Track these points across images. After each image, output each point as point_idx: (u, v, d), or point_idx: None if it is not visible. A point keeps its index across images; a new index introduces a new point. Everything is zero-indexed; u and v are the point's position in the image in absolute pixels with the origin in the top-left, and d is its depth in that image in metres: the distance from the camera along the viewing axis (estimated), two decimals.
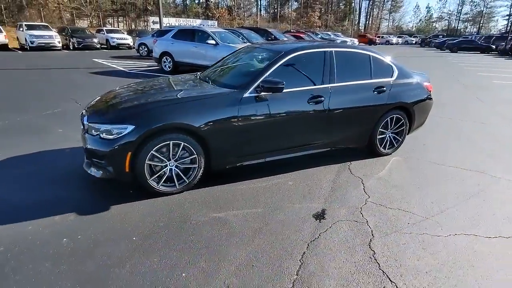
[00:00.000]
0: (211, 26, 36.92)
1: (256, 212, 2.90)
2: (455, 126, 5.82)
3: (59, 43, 21.40)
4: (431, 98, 4.47)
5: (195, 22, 38.41)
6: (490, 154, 4.45)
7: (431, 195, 3.28)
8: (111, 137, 2.83)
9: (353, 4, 59.12)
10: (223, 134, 3.15)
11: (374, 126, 4.02)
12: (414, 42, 52.98)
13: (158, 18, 35.74)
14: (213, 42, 10.53)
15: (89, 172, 3.04)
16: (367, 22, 66.42)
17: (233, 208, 2.96)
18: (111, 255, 2.28)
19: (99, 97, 3.63)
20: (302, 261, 2.28)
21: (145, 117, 2.88)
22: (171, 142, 2.96)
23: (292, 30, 27.76)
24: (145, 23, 35.16)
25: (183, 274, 2.13)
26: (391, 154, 4.33)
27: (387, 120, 4.09)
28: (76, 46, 22.13)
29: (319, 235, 2.58)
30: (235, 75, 3.65)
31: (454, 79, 12.53)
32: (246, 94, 3.24)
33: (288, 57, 3.52)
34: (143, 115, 2.90)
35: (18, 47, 22.00)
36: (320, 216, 2.86)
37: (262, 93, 3.26)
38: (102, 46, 24.11)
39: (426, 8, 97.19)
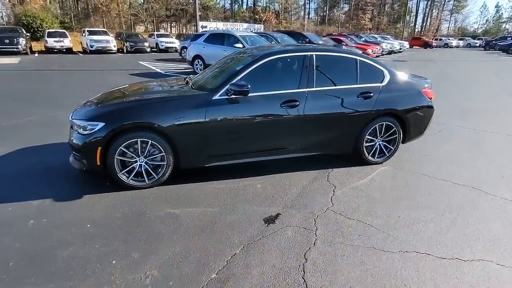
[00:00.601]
0: (257, 30, 37.55)
1: (210, 211, 2.98)
2: (475, 137, 5.30)
3: (115, 47, 23.42)
4: (431, 106, 4.15)
5: (242, 26, 39.31)
6: (498, 169, 4.00)
7: (403, 208, 3.08)
8: (85, 132, 3.13)
9: (409, 5, 55.77)
10: (191, 134, 3.29)
11: (360, 133, 3.85)
12: (478, 45, 48.40)
13: (206, 23, 37.34)
14: (240, 45, 10.76)
15: (71, 163, 3.38)
16: (424, 23, 62.19)
17: (191, 206, 3.07)
18: (61, 239, 2.53)
19: (92, 97, 4.00)
20: (228, 262, 2.32)
21: (114, 116, 3.13)
22: (139, 140, 3.17)
23: (334, 34, 27.11)
24: (195, 27, 36.88)
25: (113, 262, 2.30)
26: (382, 163, 4.11)
27: (375, 127, 3.89)
28: (129, 50, 23.97)
29: (259, 239, 2.59)
30: (213, 78, 3.77)
31: (502, 86, 11.30)
32: (216, 97, 3.34)
33: (262, 62, 3.54)
34: (113, 114, 3.16)
35: (81, 50, 24.42)
36: (271, 220, 2.85)
37: (232, 96, 3.33)
38: (153, 49, 25.80)
39: (495, 7, 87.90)
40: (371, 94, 3.80)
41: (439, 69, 16.37)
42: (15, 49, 20.30)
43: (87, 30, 24.79)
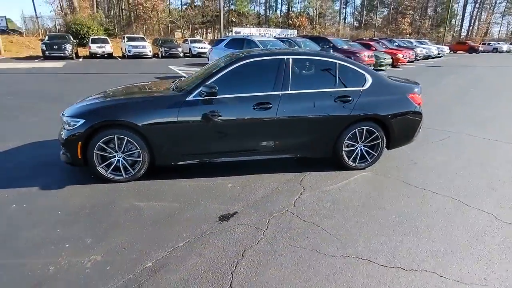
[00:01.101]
0: (290, 35, 37.60)
1: (173, 206, 3.13)
2: (480, 146, 4.96)
3: (150, 52, 24.75)
4: (419, 112, 3.99)
5: (275, 32, 39.65)
6: (490, 181, 3.73)
7: (365, 216, 3.00)
8: (69, 128, 3.43)
9: (454, 8, 52.59)
10: (164, 133, 3.47)
11: (338, 137, 3.80)
12: None
13: (240, 28, 38.07)
14: None
15: (60, 157, 3.71)
16: (471, 27, 58.26)
17: (157, 200, 3.24)
18: (31, 222, 2.81)
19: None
20: (168, 253, 2.43)
21: (93, 114, 3.40)
22: (115, 136, 3.41)
23: (364, 38, 26.38)
24: (229, 33, 37.85)
25: (67, 245, 2.51)
26: (364, 168, 4.01)
27: (355, 132, 3.82)
28: (163, 55, 25.17)
29: (207, 234, 2.68)
30: (192, 81, 3.93)
31: None
32: (190, 98, 3.50)
33: (237, 65, 3.65)
34: (92, 112, 3.43)
35: (121, 55, 26.06)
36: (226, 218, 2.93)
37: (205, 97, 3.47)
38: (186, 54, 26.87)
39: None
40: (350, 98, 3.74)
41: (474, 75, 15.34)
42: (62, 54, 22.26)
43: (127, 37, 26.46)
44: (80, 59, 22.82)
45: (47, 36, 25.32)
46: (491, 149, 4.83)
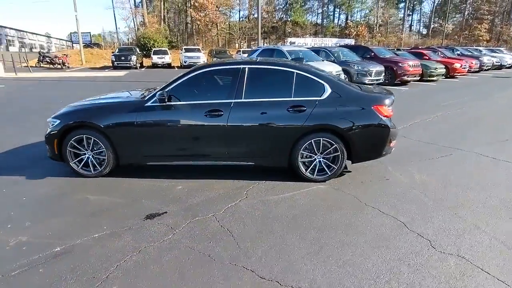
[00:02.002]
0: (347, 44, 36.58)
1: (116, 201, 3.41)
2: (481, 167, 4.36)
3: (204, 61, 26.37)
4: (384, 125, 3.70)
5: (331, 41, 39.01)
6: (456, 206, 3.29)
7: (285, 229, 2.91)
8: (50, 126, 3.96)
9: None
10: (124, 135, 3.80)
11: (293, 147, 3.73)
12: None
13: (295, 39, 38.28)
14: None
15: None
16: None
17: (107, 195, 3.56)
18: None
19: None
20: (77, 243, 2.68)
21: (66, 116, 3.89)
22: (84, 136, 3.85)
23: (420, 47, 24.41)
24: (283, 43, 38.37)
25: (9, 226, 2.94)
26: (323, 181, 3.85)
27: (311, 142, 3.71)
28: None
29: (123, 229, 2.87)
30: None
31: None
32: (148, 103, 3.79)
33: (195, 73, 3.85)
34: (66, 114, 3.92)
35: (178, 65, 28.15)
36: (152, 216, 3.11)
37: (161, 104, 3.73)
38: None
39: None
40: (304, 108, 3.66)
41: None
42: (128, 64, 24.97)
43: (184, 48, 28.59)
44: (143, 69, 25.25)
45: (117, 49, 28.66)
46: (491, 172, 4.22)
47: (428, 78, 15.13)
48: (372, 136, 3.75)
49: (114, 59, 25.20)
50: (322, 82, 3.77)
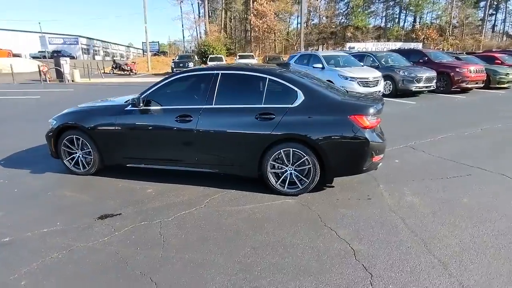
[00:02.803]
0: (413, 48, 33.98)
1: (85, 199, 3.60)
2: (497, 191, 3.59)
3: None
4: (363, 137, 3.28)
5: (395, 45, 36.47)
6: (429, 237, 2.73)
7: (220, 243, 2.74)
8: (49, 126, 4.36)
9: None
10: (105, 137, 4.01)
11: (262, 156, 3.53)
12: None
13: (354, 43, 36.75)
14: (319, 65, 10.57)
15: None
16: None
17: (82, 193, 3.77)
18: None
19: None
20: (20, 233, 2.88)
21: (61, 117, 4.22)
22: (74, 137, 4.15)
23: (494, 49, 21.26)
24: (342, 48, 37.03)
25: None
26: (295, 195, 3.55)
27: (280, 153, 3.47)
28: None
29: (72, 226, 3.00)
30: None
31: None
32: (127, 108, 3.94)
33: (172, 79, 3.88)
34: (61, 116, 4.25)
35: None
36: (105, 217, 3.18)
37: (136, 108, 3.85)
38: None
39: None
40: (273, 116, 3.43)
41: None
42: None
43: (239, 55, 29.48)
44: None
45: (177, 56, 30.74)
46: (504, 201, 3.45)
47: (497, 86, 13.18)
48: (348, 149, 3.35)
49: (173, 66, 27.05)
50: (295, 88, 3.50)
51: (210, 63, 28.20)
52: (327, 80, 10.04)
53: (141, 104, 3.80)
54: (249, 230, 2.92)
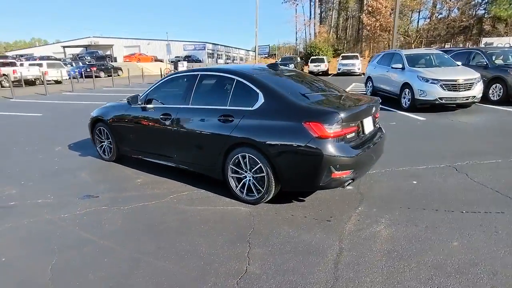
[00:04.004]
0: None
1: (87, 181, 4.24)
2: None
3: (359, 69, 25.25)
4: (316, 148, 2.82)
5: None
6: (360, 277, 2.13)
7: (130, 251, 2.85)
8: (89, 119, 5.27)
9: None
10: (116, 130, 4.61)
11: (224, 160, 3.44)
12: None
13: (494, 38, 30.42)
14: (399, 66, 9.21)
15: None
16: None
17: (91, 176, 4.44)
18: (37, 164, 4.83)
19: None
20: (12, 203, 3.62)
21: (97, 111, 4.99)
22: (100, 128, 4.92)
23: None
24: (475, 44, 30.83)
25: (22, 182, 4.26)
26: (254, 203, 3.33)
27: (238, 157, 3.31)
28: None
29: (55, 202, 3.61)
30: None
31: None
32: (131, 105, 4.41)
33: (165, 79, 4.17)
34: (97, 110, 5.03)
35: (335, 73, 28.07)
36: (86, 197, 3.69)
37: (136, 105, 4.30)
38: None
39: None
40: (232, 118, 3.30)
41: None
42: None
43: (342, 55, 28.24)
44: None
45: (281, 58, 31.53)
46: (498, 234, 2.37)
47: None
48: (301, 161, 2.94)
49: None
50: (257, 90, 3.26)
51: (311, 65, 28.11)
52: (404, 83, 8.81)
53: (139, 103, 4.22)
54: (174, 231, 2.92)
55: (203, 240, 2.74)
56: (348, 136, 2.99)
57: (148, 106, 4.17)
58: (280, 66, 4.14)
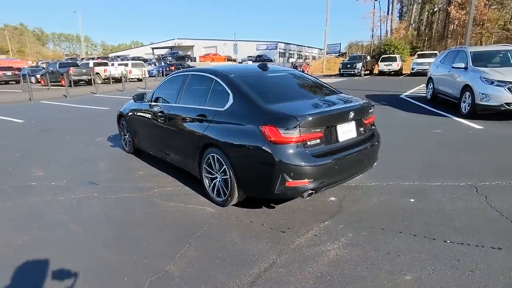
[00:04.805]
0: None
1: (101, 169, 4.70)
2: None
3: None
4: (268, 153, 2.66)
5: None
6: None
7: (101, 249, 3.06)
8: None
9: None
10: (132, 123, 5.00)
11: (200, 160, 3.48)
12: None
13: None
14: (461, 65, 7.97)
15: None
16: None
17: (107, 165, 4.92)
18: (67, 150, 5.53)
19: None
20: (36, 182, 4.20)
21: (121, 108, 5.52)
22: (122, 122, 5.40)
23: None
24: None
25: (52, 166, 4.94)
26: (222, 205, 3.30)
27: (209, 157, 3.32)
28: None
29: (61, 185, 4.10)
30: None
31: None
32: (144, 101, 4.74)
33: (167, 79, 4.38)
34: (122, 107, 5.55)
35: (409, 72, 25.67)
36: (91, 184, 4.12)
37: (140, 102, 4.61)
38: None
39: None
40: (205, 118, 3.32)
41: None
42: (352, 72, 25.84)
43: (418, 54, 25.68)
44: (367, 76, 25.23)
45: (348, 57, 29.98)
46: None
47: None
48: (256, 165, 2.80)
49: (340, 67, 26.77)
50: (229, 91, 3.20)
51: (381, 64, 26.16)
52: (465, 85, 7.58)
53: (145, 100, 4.51)
54: (135, 223, 3.07)
55: (152, 236, 2.83)
56: (310, 143, 2.74)
57: (151, 103, 4.42)
58: (276, 67, 3.99)
